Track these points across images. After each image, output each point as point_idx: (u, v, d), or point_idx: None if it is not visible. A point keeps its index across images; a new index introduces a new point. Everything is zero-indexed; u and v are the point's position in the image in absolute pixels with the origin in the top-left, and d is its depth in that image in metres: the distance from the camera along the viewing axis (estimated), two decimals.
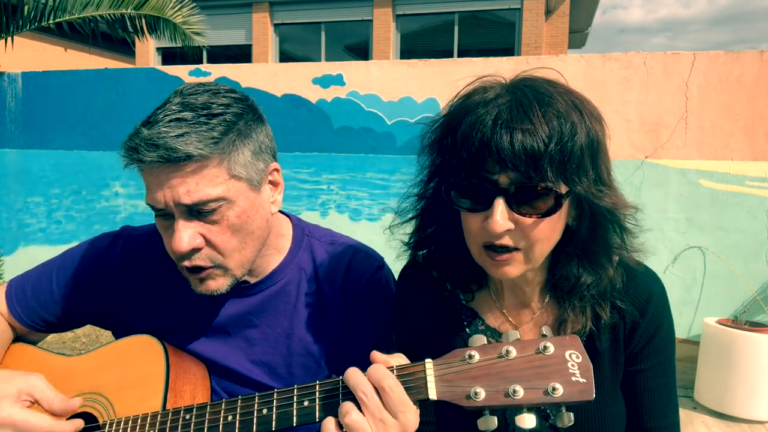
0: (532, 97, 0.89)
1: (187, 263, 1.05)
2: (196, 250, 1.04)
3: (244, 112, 1.07)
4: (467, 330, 1.11)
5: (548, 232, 0.93)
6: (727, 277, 4.26)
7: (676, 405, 1.10)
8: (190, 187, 0.99)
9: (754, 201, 4.21)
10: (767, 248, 4.21)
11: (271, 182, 1.15)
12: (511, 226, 0.90)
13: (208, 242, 1.05)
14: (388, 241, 1.17)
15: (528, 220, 0.90)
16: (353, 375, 0.85)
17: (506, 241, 0.92)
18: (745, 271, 4.22)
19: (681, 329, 4.37)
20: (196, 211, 1.02)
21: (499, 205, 0.89)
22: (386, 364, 0.87)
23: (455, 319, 1.12)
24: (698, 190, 4.32)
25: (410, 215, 1.11)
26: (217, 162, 1.01)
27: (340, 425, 0.84)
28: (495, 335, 1.09)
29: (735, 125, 4.25)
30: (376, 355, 0.88)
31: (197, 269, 1.06)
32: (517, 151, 0.84)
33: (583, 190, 0.89)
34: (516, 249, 0.93)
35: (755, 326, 3.83)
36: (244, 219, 1.06)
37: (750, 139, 4.22)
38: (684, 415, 3.83)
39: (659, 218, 4.39)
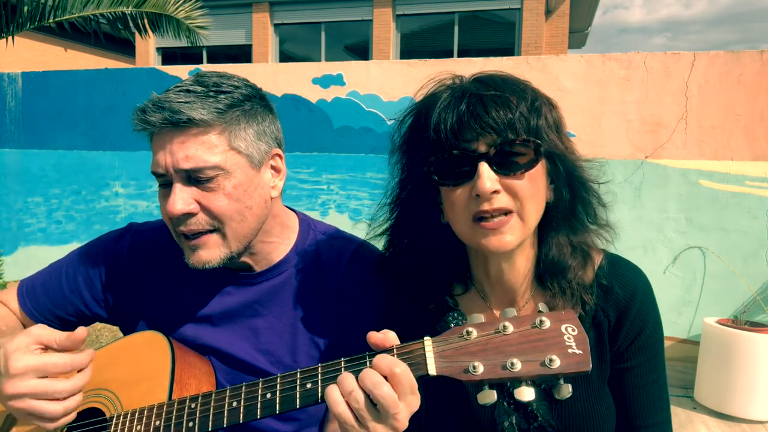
0: (493, 76, 1.01)
1: (182, 228, 1.09)
2: (191, 215, 1.08)
3: (252, 96, 1.13)
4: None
5: (534, 189, 0.96)
6: (727, 277, 4.26)
7: (666, 401, 1.09)
8: (189, 152, 1.05)
9: (754, 201, 4.21)
10: (767, 248, 4.21)
11: (273, 167, 1.20)
12: (498, 187, 0.94)
13: (204, 208, 1.08)
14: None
15: (513, 180, 0.94)
16: (369, 376, 0.84)
17: (497, 203, 0.94)
18: (745, 271, 4.22)
19: (681, 329, 4.37)
20: (195, 179, 1.07)
21: (484, 167, 0.93)
22: (386, 343, 0.88)
23: (443, 322, 1.13)
24: (698, 190, 4.32)
25: (386, 224, 1.15)
26: (218, 131, 1.07)
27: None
28: None
29: (735, 125, 4.25)
30: (373, 335, 0.88)
31: (193, 235, 1.10)
32: (491, 114, 0.93)
33: (553, 143, 0.97)
34: (509, 212, 0.95)
35: (755, 326, 3.83)
36: (241, 191, 1.10)
37: (750, 139, 4.23)
38: (684, 415, 3.83)
39: (659, 218, 4.39)
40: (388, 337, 0.88)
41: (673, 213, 4.39)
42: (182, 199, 1.06)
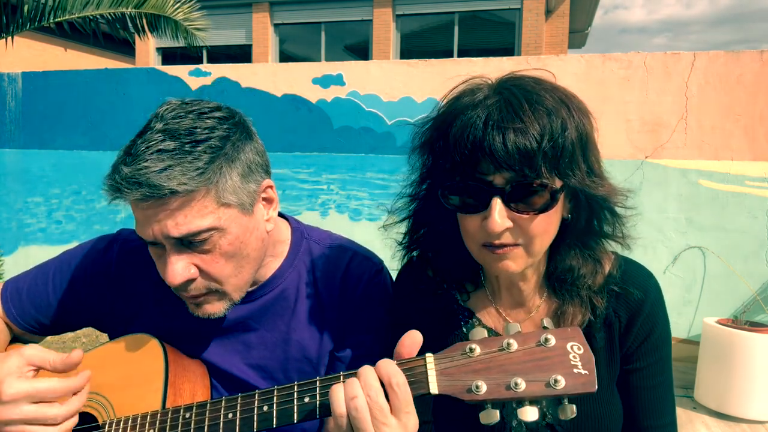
0: (520, 95, 0.90)
1: (183, 293, 1.05)
2: (190, 281, 1.03)
3: (230, 134, 1.02)
4: (464, 330, 1.11)
5: (546, 226, 0.94)
6: (727, 277, 4.25)
7: (672, 403, 1.10)
8: (178, 221, 0.96)
9: (754, 201, 4.21)
10: (767, 248, 4.21)
11: (264, 199, 1.12)
12: (510, 224, 0.91)
13: (203, 272, 1.03)
14: (384, 239, 1.17)
15: (525, 217, 0.91)
16: (365, 373, 0.84)
17: (506, 239, 0.93)
18: (745, 271, 4.22)
19: (681, 329, 4.37)
20: (187, 242, 1.00)
21: (497, 205, 0.90)
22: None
23: (452, 319, 1.12)
24: (698, 190, 4.32)
25: (403, 215, 1.12)
26: (203, 193, 0.98)
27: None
28: (492, 335, 1.09)
29: (735, 125, 4.25)
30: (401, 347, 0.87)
31: (193, 296, 1.06)
32: (511, 151, 0.86)
33: (577, 183, 0.92)
34: (516, 244, 0.94)
35: (755, 326, 3.83)
36: (238, 245, 1.04)
37: (750, 139, 4.22)
38: (684, 415, 3.83)
39: (659, 218, 4.39)
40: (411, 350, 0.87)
41: (673, 213, 4.38)
42: (180, 267, 1.00)
